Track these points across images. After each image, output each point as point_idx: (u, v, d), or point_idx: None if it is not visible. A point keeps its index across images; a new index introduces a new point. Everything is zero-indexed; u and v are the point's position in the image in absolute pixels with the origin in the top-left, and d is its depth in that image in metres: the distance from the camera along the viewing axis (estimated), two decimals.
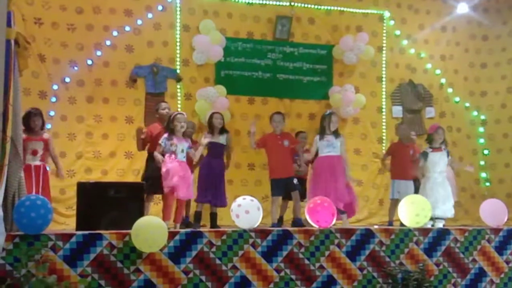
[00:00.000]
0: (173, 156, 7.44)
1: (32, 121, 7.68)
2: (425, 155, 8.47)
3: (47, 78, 9.03)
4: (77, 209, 6.69)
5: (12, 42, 5.59)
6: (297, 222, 8.24)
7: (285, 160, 8.47)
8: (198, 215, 8.25)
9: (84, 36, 9.24)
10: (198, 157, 7.97)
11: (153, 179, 7.74)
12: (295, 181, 8.46)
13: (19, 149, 5.70)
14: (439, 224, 8.11)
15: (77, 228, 6.40)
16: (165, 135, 7.57)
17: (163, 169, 7.42)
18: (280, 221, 8.75)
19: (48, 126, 8.92)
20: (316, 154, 8.33)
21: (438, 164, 8.42)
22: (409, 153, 9.17)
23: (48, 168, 8.28)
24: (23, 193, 5.79)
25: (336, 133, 8.16)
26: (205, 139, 8.01)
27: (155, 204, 8.99)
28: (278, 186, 8.41)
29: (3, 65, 5.41)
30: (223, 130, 8.40)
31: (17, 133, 5.71)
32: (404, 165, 9.06)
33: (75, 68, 9.16)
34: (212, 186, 8.19)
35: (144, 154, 8.50)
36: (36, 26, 8.97)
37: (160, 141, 7.53)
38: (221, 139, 8.35)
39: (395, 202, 8.89)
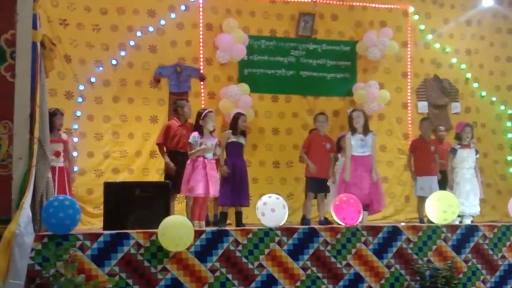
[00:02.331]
0: (200, 159, 7.43)
1: (58, 119, 7.74)
2: (454, 151, 8.41)
3: (73, 79, 9.11)
4: (104, 209, 6.75)
5: (38, 44, 5.65)
6: (323, 223, 8.27)
7: (325, 161, 8.68)
8: (223, 216, 8.29)
9: (109, 36, 9.31)
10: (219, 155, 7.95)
11: (173, 178, 7.80)
12: (329, 183, 8.61)
13: (46, 150, 5.75)
14: (467, 221, 8.02)
15: (104, 228, 6.45)
16: (195, 133, 7.52)
17: (187, 172, 7.45)
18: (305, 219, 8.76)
19: (75, 126, 9.03)
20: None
21: (466, 161, 8.36)
22: (430, 149, 9.08)
23: (75, 169, 8.38)
24: (51, 193, 5.85)
25: (366, 131, 8.03)
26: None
27: (178, 203, 9.05)
28: (316, 183, 8.58)
29: (29, 67, 5.47)
30: (243, 131, 8.51)
31: (44, 134, 5.76)
32: (425, 161, 8.98)
33: (100, 68, 9.23)
34: (237, 186, 8.23)
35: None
36: (62, 27, 9.05)
37: (190, 140, 7.50)
38: (242, 139, 8.45)
39: (421, 199, 8.80)
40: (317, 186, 8.63)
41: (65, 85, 9.05)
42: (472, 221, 8.09)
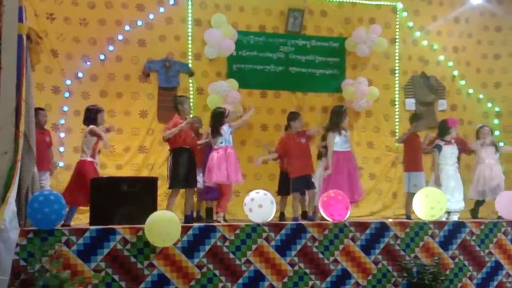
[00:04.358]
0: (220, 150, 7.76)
1: (102, 116, 7.79)
2: (439, 148, 8.46)
3: (60, 73, 9.05)
4: (91, 204, 6.70)
5: (24, 37, 5.60)
6: (310, 218, 8.30)
7: (305, 157, 8.59)
8: (209, 212, 8.29)
9: (97, 31, 9.26)
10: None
11: (180, 174, 7.87)
12: (313, 179, 8.56)
13: (32, 144, 5.71)
14: (454, 217, 8.06)
15: (91, 223, 6.41)
16: (227, 126, 7.89)
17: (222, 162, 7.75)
18: (283, 216, 8.76)
19: (62, 121, 8.97)
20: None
21: (450, 157, 8.45)
22: (421, 144, 9.13)
23: (61, 164, 8.33)
24: (37, 188, 5.81)
25: (345, 128, 8.30)
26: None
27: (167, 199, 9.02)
28: (301, 183, 8.47)
29: (15, 60, 5.42)
30: None
31: (30, 128, 5.73)
32: (419, 157, 8.99)
33: (88, 63, 9.17)
34: None
35: (157, 149, 8.57)
36: (49, 21, 8.99)
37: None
38: None
39: (412, 196, 8.81)
40: (303, 184, 8.52)
41: (52, 79, 8.98)
42: (458, 217, 8.11)
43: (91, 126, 7.59)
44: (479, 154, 9.03)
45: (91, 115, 7.68)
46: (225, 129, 7.86)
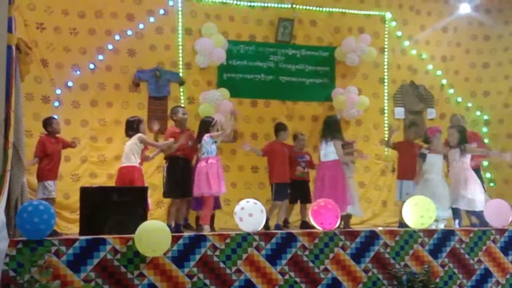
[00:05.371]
0: (202, 162, 7.67)
1: (142, 126, 8.20)
2: (423, 156, 8.48)
3: (50, 83, 9.02)
4: (81, 214, 6.68)
5: (13, 48, 5.59)
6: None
7: (287, 165, 8.87)
8: (199, 221, 8.28)
9: (87, 40, 9.23)
10: None
11: (175, 183, 7.96)
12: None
13: (21, 154, 5.70)
14: (441, 225, 8.08)
15: (81, 233, 6.39)
16: (208, 136, 7.79)
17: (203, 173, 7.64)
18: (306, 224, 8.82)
19: None
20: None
21: (436, 165, 8.45)
22: (416, 153, 9.15)
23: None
24: (26, 198, 5.80)
25: None
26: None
27: (158, 208, 9.02)
28: (284, 189, 8.64)
29: (4, 71, 5.42)
30: None
31: (19, 138, 5.72)
32: (413, 166, 9.00)
33: (78, 72, 9.15)
34: None
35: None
36: (39, 31, 8.96)
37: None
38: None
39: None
40: (286, 191, 8.71)
41: (42, 89, 8.95)
42: (445, 225, 8.10)
43: (140, 135, 7.95)
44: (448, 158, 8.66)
45: (134, 126, 8.05)
46: (206, 139, 7.77)
